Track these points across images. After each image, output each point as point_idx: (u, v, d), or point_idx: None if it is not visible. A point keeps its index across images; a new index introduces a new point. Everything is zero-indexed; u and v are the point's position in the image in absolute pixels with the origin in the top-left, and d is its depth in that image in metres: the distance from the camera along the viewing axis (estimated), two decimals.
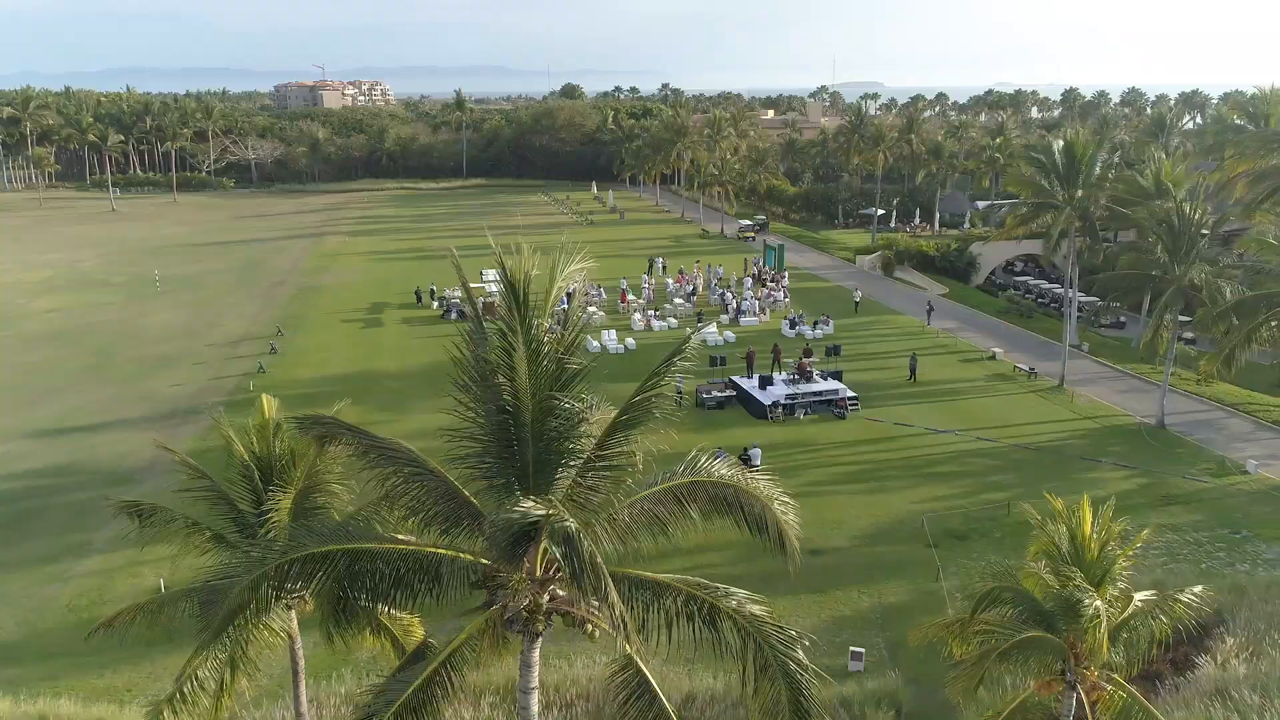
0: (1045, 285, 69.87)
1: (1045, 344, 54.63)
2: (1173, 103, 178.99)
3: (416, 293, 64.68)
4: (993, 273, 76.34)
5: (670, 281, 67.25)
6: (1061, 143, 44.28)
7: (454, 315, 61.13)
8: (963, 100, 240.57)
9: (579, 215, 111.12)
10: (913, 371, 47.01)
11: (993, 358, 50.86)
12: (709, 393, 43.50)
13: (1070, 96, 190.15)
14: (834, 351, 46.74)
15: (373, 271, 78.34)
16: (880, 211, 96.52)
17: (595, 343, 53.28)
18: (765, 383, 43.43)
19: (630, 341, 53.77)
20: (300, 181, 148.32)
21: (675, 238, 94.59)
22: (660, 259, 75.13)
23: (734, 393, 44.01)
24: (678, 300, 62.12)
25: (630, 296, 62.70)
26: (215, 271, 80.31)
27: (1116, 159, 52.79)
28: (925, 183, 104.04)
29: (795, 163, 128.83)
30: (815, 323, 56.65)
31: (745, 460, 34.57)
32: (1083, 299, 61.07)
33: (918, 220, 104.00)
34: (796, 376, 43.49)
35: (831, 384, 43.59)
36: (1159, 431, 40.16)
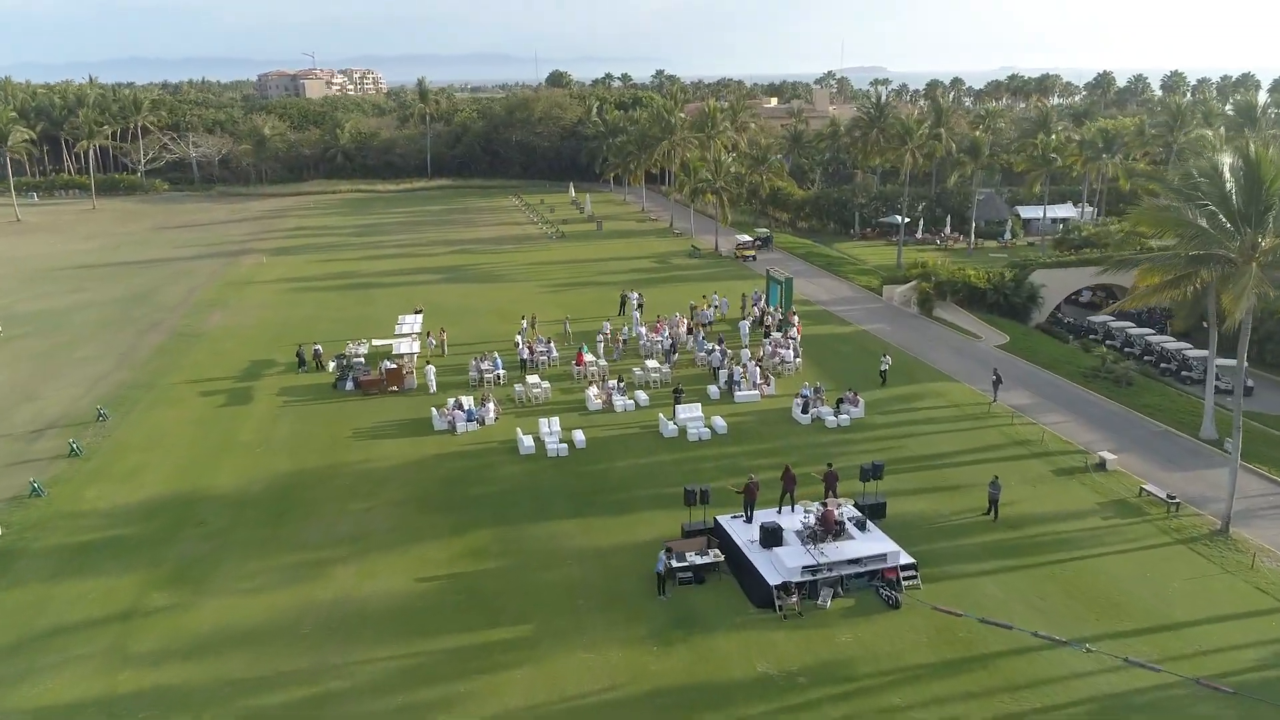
0: (1134, 331, 53.73)
1: (1165, 436, 38.67)
2: (1216, 88, 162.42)
3: (298, 354, 48.70)
4: (1057, 308, 60.31)
5: (643, 331, 50.99)
6: (1229, 159, 28.19)
7: (348, 385, 45.26)
8: (978, 86, 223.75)
9: (550, 225, 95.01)
10: (994, 504, 31.15)
11: (1102, 466, 34.95)
12: (680, 557, 27.68)
13: (1103, 81, 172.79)
14: (873, 473, 30.87)
15: (277, 308, 62.49)
16: (905, 219, 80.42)
17: (527, 439, 37.44)
18: (772, 539, 27.65)
19: (579, 436, 37.88)
20: (245, 182, 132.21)
21: (659, 256, 78.50)
22: (635, 294, 58.98)
23: (719, 555, 28.19)
24: (650, 364, 46.01)
25: (588, 357, 46.68)
26: (90, 306, 64.58)
27: None
28: (958, 185, 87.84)
29: (802, 158, 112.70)
30: (839, 401, 40.73)
31: None
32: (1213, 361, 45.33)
33: (949, 229, 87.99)
34: (818, 528, 27.66)
35: (874, 541, 27.78)
36: None
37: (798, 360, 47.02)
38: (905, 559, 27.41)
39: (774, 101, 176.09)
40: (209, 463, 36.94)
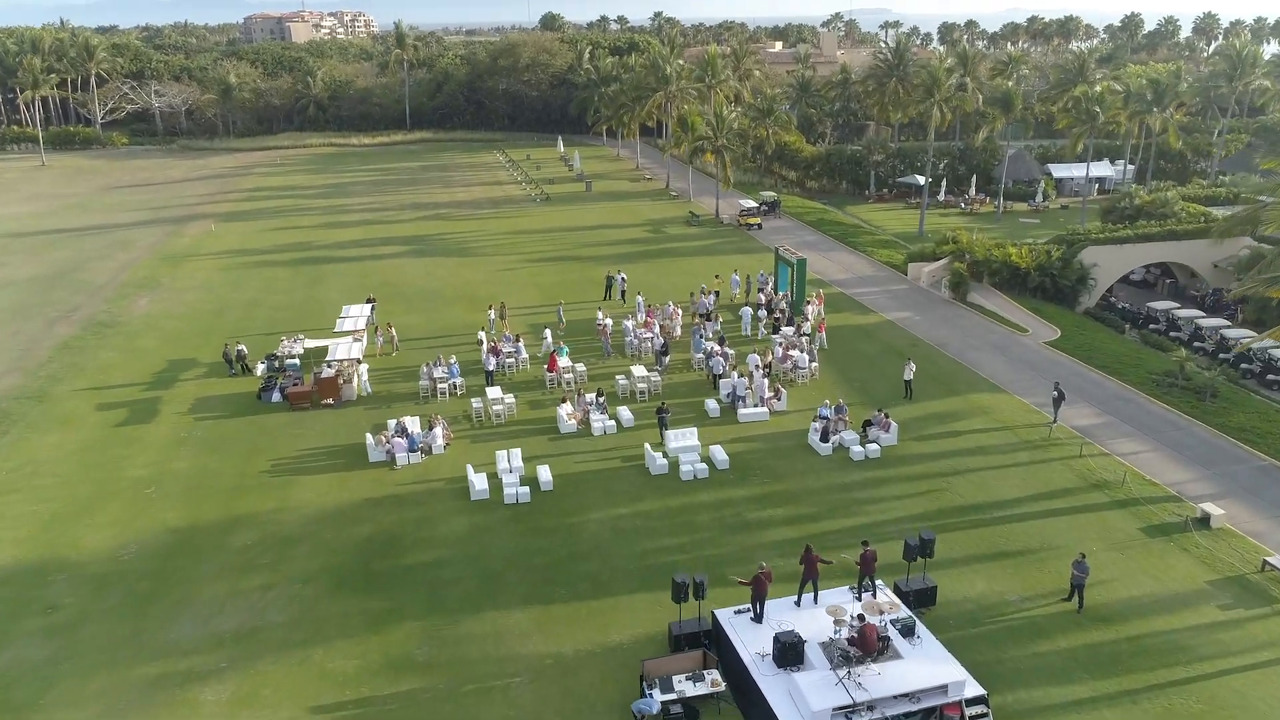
0: (1205, 322, 45.85)
1: (1272, 473, 31.14)
2: (1250, 30, 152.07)
3: (225, 355, 41.04)
4: (1109, 291, 52.51)
5: (629, 325, 43.13)
6: None
7: (275, 396, 37.71)
8: (989, 28, 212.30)
9: (534, 185, 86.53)
10: (1077, 589, 23.80)
11: (1205, 522, 27.56)
12: (667, 684, 20.39)
13: (1130, 23, 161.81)
14: (921, 550, 23.56)
15: (216, 290, 54.65)
16: (926, 180, 72.13)
17: (480, 478, 30.02)
18: (789, 656, 20.38)
19: (545, 474, 30.44)
20: (210, 136, 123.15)
21: (653, 224, 70.31)
22: (621, 275, 51.11)
23: (719, 682, 20.88)
24: (637, 370, 38.32)
25: (563, 362, 39.02)
26: (3, 287, 56.74)
27: None
28: (985, 142, 79.25)
29: (810, 108, 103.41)
30: (866, 424, 33.22)
31: None
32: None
33: (974, 191, 79.66)
34: (854, 651, 20.30)
35: (929, 661, 20.47)
36: None
37: (814, 365, 39.32)
38: (973, 688, 20.15)
39: (779, 46, 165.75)
40: (81, 513, 29.51)
